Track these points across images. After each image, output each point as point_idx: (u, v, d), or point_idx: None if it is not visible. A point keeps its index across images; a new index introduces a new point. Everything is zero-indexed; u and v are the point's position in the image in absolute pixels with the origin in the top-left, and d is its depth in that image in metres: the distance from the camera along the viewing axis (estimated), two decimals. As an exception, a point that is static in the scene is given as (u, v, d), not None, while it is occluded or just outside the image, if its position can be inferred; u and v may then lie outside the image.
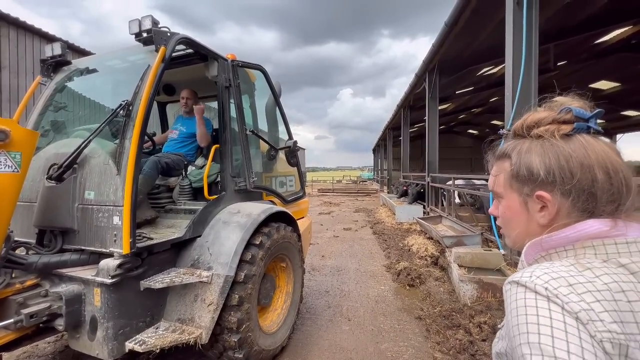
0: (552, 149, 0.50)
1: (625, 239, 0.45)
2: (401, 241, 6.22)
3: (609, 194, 0.47)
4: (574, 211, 0.49)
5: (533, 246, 0.53)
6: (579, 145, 0.48)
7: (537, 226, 0.53)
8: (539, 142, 0.52)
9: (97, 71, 2.52)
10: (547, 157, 0.50)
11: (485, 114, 17.62)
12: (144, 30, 1.93)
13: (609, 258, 0.45)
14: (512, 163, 0.55)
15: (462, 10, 5.19)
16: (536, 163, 0.51)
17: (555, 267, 0.45)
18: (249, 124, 2.83)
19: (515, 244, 0.58)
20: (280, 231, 2.49)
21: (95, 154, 1.89)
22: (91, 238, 1.84)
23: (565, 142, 0.49)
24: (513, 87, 3.80)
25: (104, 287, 1.68)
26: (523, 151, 0.53)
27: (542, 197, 0.51)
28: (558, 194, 0.49)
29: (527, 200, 0.53)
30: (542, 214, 0.51)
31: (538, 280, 0.44)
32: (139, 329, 1.85)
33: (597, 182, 0.47)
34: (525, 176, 0.52)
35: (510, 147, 0.56)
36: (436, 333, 2.79)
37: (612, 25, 6.67)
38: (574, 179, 0.47)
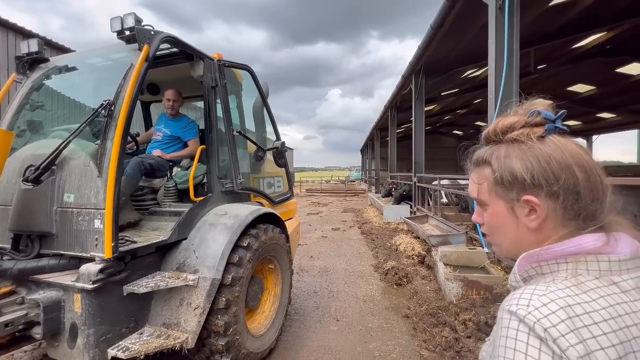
0: (531, 152, 0.50)
1: (618, 256, 0.45)
2: (389, 241, 6.29)
3: (590, 192, 0.48)
4: (563, 213, 0.49)
5: (527, 258, 0.52)
6: (554, 146, 0.49)
7: (527, 231, 0.53)
8: (515, 146, 0.52)
9: (77, 69, 2.43)
10: (527, 160, 0.50)
11: (469, 115, 18.04)
12: (126, 28, 1.88)
13: (602, 275, 0.45)
14: (493, 170, 0.54)
15: (447, 13, 5.29)
16: (518, 167, 0.51)
17: (552, 292, 0.44)
18: (236, 125, 2.80)
19: (508, 252, 0.58)
20: (268, 233, 2.47)
21: (75, 155, 1.83)
22: (71, 242, 1.78)
23: (540, 143, 0.50)
24: (496, 90, 3.90)
25: (85, 293, 1.62)
26: (502, 156, 0.53)
27: (529, 201, 0.50)
28: (543, 196, 0.49)
29: (513, 206, 0.53)
30: (531, 217, 0.51)
31: (536, 314, 0.42)
32: (122, 335, 1.80)
33: (578, 181, 0.48)
34: (509, 181, 0.52)
35: (488, 153, 0.56)
36: (423, 331, 2.84)
37: (588, 31, 6.96)
38: (559, 180, 0.48)
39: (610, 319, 0.41)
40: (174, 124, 2.81)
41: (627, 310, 0.42)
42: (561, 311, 0.41)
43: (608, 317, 0.41)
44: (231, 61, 2.70)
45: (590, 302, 0.42)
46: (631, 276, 0.46)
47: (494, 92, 3.93)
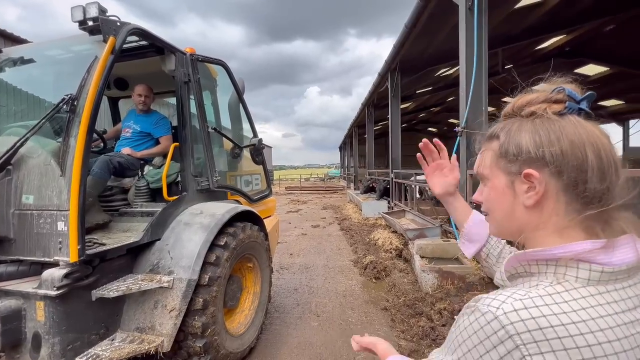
0: (543, 126, 0.47)
1: (612, 267, 0.42)
2: (367, 236, 6.40)
3: (599, 173, 0.44)
4: (565, 194, 0.46)
5: (516, 258, 0.49)
6: (570, 123, 0.46)
7: (523, 209, 0.50)
8: (529, 120, 0.49)
9: (34, 61, 2.27)
10: (537, 134, 0.47)
11: (443, 112, 18.66)
12: (89, 19, 1.77)
13: (589, 284, 0.43)
14: (500, 142, 0.52)
15: (421, 13, 5.43)
16: (526, 140, 0.48)
17: (530, 298, 0.41)
18: (211, 121, 2.72)
19: (500, 230, 0.55)
20: (246, 231, 2.44)
21: (34, 154, 1.71)
22: (31, 247, 1.66)
23: (556, 120, 0.47)
24: (466, 88, 4.06)
25: (49, 300, 1.53)
26: (513, 130, 0.51)
27: (530, 176, 0.47)
28: (547, 172, 0.46)
29: (514, 180, 0.50)
30: (528, 194, 0.48)
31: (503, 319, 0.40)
32: (92, 342, 1.71)
33: (587, 161, 0.44)
34: (513, 154, 0.49)
35: (500, 127, 0.53)
36: (401, 322, 2.92)
37: (549, 33, 7.39)
38: (565, 155, 0.45)
39: (584, 334, 0.39)
40: (145, 120, 2.69)
41: (604, 326, 0.40)
42: (531, 321, 0.39)
43: (581, 332, 0.39)
44: (205, 56, 2.62)
45: (568, 312, 0.40)
46: (616, 287, 0.43)
47: (465, 90, 4.09)
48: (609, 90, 12.29)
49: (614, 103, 14.49)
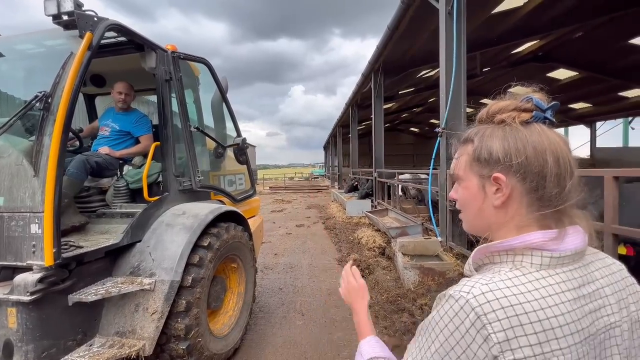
0: (512, 134, 0.53)
1: (559, 253, 0.50)
2: (351, 234, 6.47)
3: (556, 179, 0.50)
4: (527, 196, 0.52)
5: (480, 250, 0.56)
6: (535, 132, 0.52)
7: (492, 208, 0.55)
8: (500, 127, 0.54)
9: (2, 56, 2.15)
10: (506, 141, 0.53)
11: (424, 113, 19.11)
12: (63, 12, 1.70)
13: (541, 269, 0.49)
14: (474, 147, 0.57)
15: (402, 16, 5.54)
16: (496, 146, 0.53)
17: (494, 282, 0.48)
18: (193, 120, 2.68)
19: (472, 227, 0.61)
20: (230, 231, 2.42)
21: (3, 153, 1.63)
22: (1, 251, 1.58)
23: (524, 128, 0.52)
24: (446, 89, 4.19)
25: (22, 306, 1.47)
26: (485, 135, 0.56)
27: (498, 179, 0.53)
28: (513, 177, 0.52)
29: (484, 183, 0.56)
30: (497, 195, 0.54)
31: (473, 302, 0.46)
32: (69, 348, 1.65)
33: (547, 166, 0.50)
34: (485, 159, 0.55)
35: (474, 132, 0.58)
36: (384, 318, 2.99)
37: (523, 38, 7.73)
38: (529, 162, 0.51)
39: (540, 310, 0.45)
40: (124, 118, 2.61)
41: (556, 302, 0.46)
42: (496, 302, 0.46)
43: (537, 308, 0.45)
44: (187, 53, 2.57)
45: (524, 293, 0.46)
46: (564, 270, 0.50)
47: (445, 92, 4.22)
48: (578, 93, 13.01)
49: (582, 106, 15.34)
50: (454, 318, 0.47)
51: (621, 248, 2.08)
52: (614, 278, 0.55)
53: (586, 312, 0.49)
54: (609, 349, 0.50)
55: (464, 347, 0.46)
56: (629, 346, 0.53)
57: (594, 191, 2.34)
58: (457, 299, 0.48)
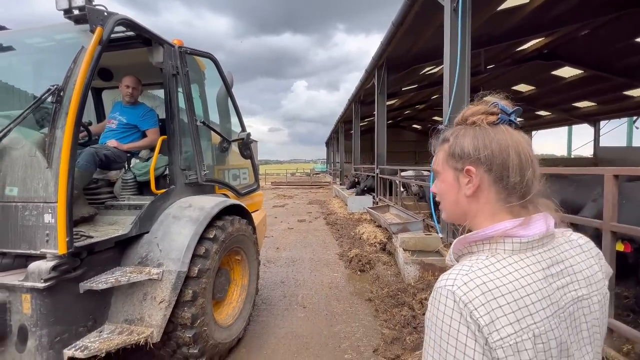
0: (481, 133, 0.61)
1: (527, 238, 0.57)
2: (353, 230, 6.52)
3: (519, 172, 0.58)
4: (495, 186, 0.60)
5: (459, 241, 0.63)
6: (500, 132, 0.60)
7: (465, 198, 0.63)
8: (472, 128, 0.63)
9: (12, 49, 2.19)
10: (476, 139, 0.61)
11: (427, 110, 19.04)
12: (75, 7, 1.73)
13: (513, 254, 0.57)
14: (449, 145, 0.66)
15: (407, 12, 5.52)
16: (467, 143, 0.62)
17: (473, 271, 0.55)
18: (199, 115, 2.71)
19: (449, 215, 0.69)
20: (234, 224, 2.47)
21: (17, 145, 1.67)
22: (15, 240, 1.64)
23: (491, 128, 0.61)
24: (450, 86, 4.19)
25: (36, 293, 1.52)
26: (459, 135, 0.64)
27: (469, 171, 0.61)
28: (481, 169, 0.60)
29: (458, 175, 0.64)
30: (468, 186, 0.62)
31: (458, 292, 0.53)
32: (80, 334, 1.71)
33: (509, 159, 0.58)
34: (458, 154, 0.63)
35: (450, 132, 0.67)
36: (384, 312, 3.04)
37: (529, 36, 7.68)
38: (494, 155, 0.59)
39: (514, 291, 0.52)
40: (131, 112, 2.65)
41: (528, 282, 0.53)
42: (477, 289, 0.52)
43: (512, 289, 0.52)
44: (193, 48, 2.60)
45: (500, 277, 0.53)
46: (534, 253, 0.57)
47: (449, 89, 4.22)
48: (582, 92, 12.92)
49: (587, 104, 15.24)
50: (446, 310, 0.54)
51: (619, 245, 2.12)
52: (583, 257, 0.62)
53: (555, 288, 0.55)
54: (578, 319, 0.57)
55: (463, 332, 0.51)
56: (601, 317, 0.59)
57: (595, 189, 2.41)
58: (445, 294, 0.54)
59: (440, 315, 0.54)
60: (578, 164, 16.06)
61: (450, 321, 0.52)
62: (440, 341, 0.54)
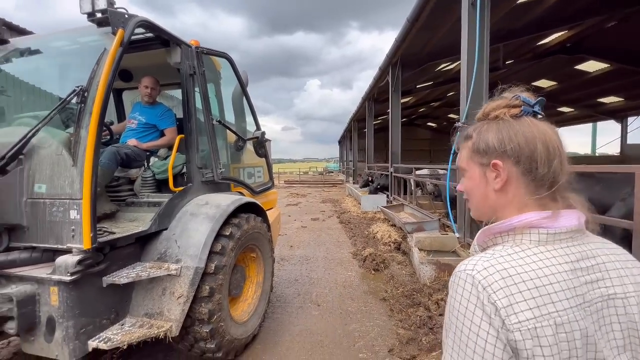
0: (504, 127, 0.60)
1: (554, 230, 0.56)
2: (366, 229, 6.48)
3: (548, 164, 0.57)
4: (523, 179, 0.59)
5: (483, 232, 0.63)
6: (525, 124, 0.59)
7: (493, 192, 0.62)
8: (494, 122, 0.62)
9: (40, 53, 2.28)
10: (500, 133, 0.60)
11: (443, 107, 18.65)
12: (97, 10, 1.79)
13: (539, 245, 0.56)
14: (473, 141, 0.65)
15: (423, 8, 5.42)
16: (492, 138, 0.61)
17: (495, 258, 0.55)
18: (215, 114, 2.75)
19: (478, 212, 0.68)
20: (250, 222, 2.50)
21: (45, 144, 1.74)
22: (44, 234, 1.71)
23: (515, 121, 0.60)
24: (467, 83, 4.09)
25: (63, 285, 1.59)
26: (483, 131, 0.64)
27: (496, 165, 0.60)
28: (508, 162, 0.59)
29: (485, 171, 0.63)
30: (496, 180, 0.61)
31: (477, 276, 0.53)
32: (103, 326, 1.78)
33: (537, 151, 0.57)
34: (483, 149, 0.62)
35: (472, 129, 0.67)
36: (399, 312, 3.01)
37: (551, 29, 7.39)
38: (520, 148, 0.58)
39: (536, 278, 0.52)
40: (150, 112, 2.72)
41: (552, 272, 0.53)
42: (497, 274, 0.52)
43: (534, 277, 0.52)
44: (209, 48, 2.64)
45: (523, 265, 0.53)
46: (562, 246, 0.56)
47: (466, 86, 4.11)
48: (608, 87, 12.34)
49: (613, 100, 14.55)
50: (464, 293, 0.54)
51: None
52: (618, 258, 0.59)
53: (582, 282, 0.54)
54: (608, 317, 0.54)
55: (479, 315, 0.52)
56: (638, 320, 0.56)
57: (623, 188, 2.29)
58: (464, 277, 0.55)
59: (458, 298, 0.55)
60: (604, 162, 15.36)
61: (467, 304, 0.53)
62: (457, 322, 0.54)
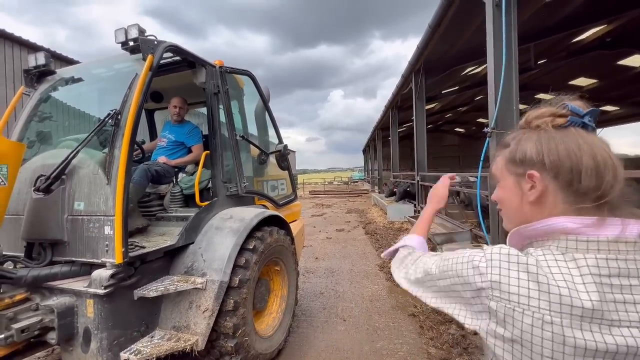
0: (545, 137, 0.56)
1: (586, 237, 0.50)
2: (393, 240, 6.29)
3: (594, 174, 0.51)
4: (560, 190, 0.54)
5: (513, 235, 0.60)
6: (570, 135, 0.54)
7: (528, 204, 0.59)
8: (535, 132, 0.58)
9: (82, 80, 2.49)
10: (539, 143, 0.56)
11: (471, 112, 17.99)
12: (130, 39, 1.93)
13: (567, 252, 0.51)
14: (510, 150, 0.62)
15: (445, 12, 5.31)
16: (529, 148, 0.57)
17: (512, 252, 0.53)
18: (239, 129, 2.84)
19: (510, 223, 0.64)
20: (273, 235, 2.51)
21: (84, 164, 1.88)
22: (82, 249, 1.82)
23: (558, 131, 0.55)
24: (495, 86, 3.90)
25: (97, 298, 1.67)
26: (522, 139, 0.60)
27: (532, 176, 0.56)
28: (546, 173, 0.55)
29: (520, 181, 0.59)
30: (531, 191, 0.57)
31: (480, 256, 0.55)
32: (134, 338, 1.84)
33: (582, 162, 0.52)
34: (519, 159, 0.59)
35: (511, 137, 0.63)
36: (429, 329, 2.85)
37: (588, 24, 6.93)
38: (560, 159, 0.53)
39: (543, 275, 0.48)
40: (178, 130, 2.86)
41: (565, 279, 0.48)
42: (504, 262, 0.52)
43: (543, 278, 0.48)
44: (232, 67, 2.75)
45: (547, 272, 0.49)
46: (597, 256, 0.49)
47: (494, 89, 3.93)
48: (658, 81, 11.27)
49: (666, 95, 13.25)
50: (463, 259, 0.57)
51: None
52: None
53: (609, 299, 0.47)
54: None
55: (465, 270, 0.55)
56: None
57: None
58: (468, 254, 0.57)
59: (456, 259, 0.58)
60: (658, 163, 13.93)
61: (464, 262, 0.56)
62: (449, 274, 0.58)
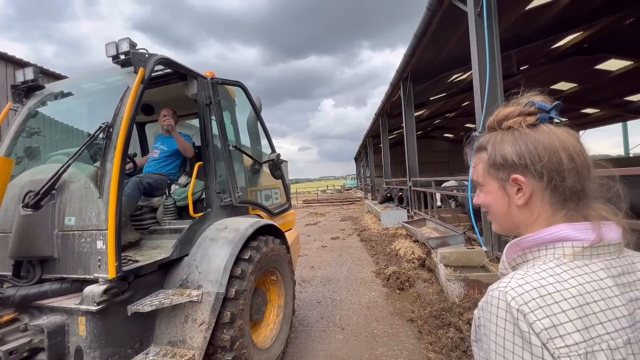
0: (522, 137, 0.56)
1: (589, 242, 0.51)
2: (388, 246, 6.30)
3: (574, 174, 0.52)
4: (549, 192, 0.55)
5: (512, 247, 0.58)
6: (544, 132, 0.54)
7: (517, 208, 0.58)
8: (509, 133, 0.58)
9: (72, 94, 2.47)
10: (517, 144, 0.56)
11: (458, 117, 18.36)
12: (121, 53, 1.93)
13: (575, 258, 0.51)
14: (488, 153, 0.61)
15: (429, 22, 5.49)
16: (509, 150, 0.57)
17: (529, 275, 0.50)
18: (232, 140, 2.84)
19: (502, 228, 0.64)
20: (268, 244, 2.49)
21: (74, 179, 1.85)
22: (73, 265, 1.78)
23: (532, 130, 0.55)
24: (481, 92, 4.03)
25: (90, 315, 1.62)
26: (497, 142, 0.59)
27: (517, 180, 0.56)
28: (530, 176, 0.55)
29: (504, 185, 0.59)
30: (518, 195, 0.57)
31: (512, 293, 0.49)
32: (128, 356, 1.78)
33: (562, 163, 0.52)
34: (500, 163, 0.58)
35: (486, 140, 0.62)
36: (428, 333, 2.84)
37: (565, 31, 7.24)
38: (542, 161, 0.53)
39: (579, 295, 0.46)
40: (170, 140, 2.84)
41: (595, 288, 0.48)
42: (534, 291, 0.47)
43: (576, 294, 0.47)
44: (224, 78, 2.77)
45: (561, 282, 0.48)
46: (601, 259, 0.51)
47: (480, 95, 4.05)
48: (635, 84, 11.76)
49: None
50: (499, 313, 0.49)
51: None
52: None
53: (628, 299, 0.49)
54: None
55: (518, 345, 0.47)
56: None
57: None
58: (497, 295, 0.50)
59: (493, 319, 0.50)
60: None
61: (504, 332, 0.48)
62: (497, 348, 0.49)
